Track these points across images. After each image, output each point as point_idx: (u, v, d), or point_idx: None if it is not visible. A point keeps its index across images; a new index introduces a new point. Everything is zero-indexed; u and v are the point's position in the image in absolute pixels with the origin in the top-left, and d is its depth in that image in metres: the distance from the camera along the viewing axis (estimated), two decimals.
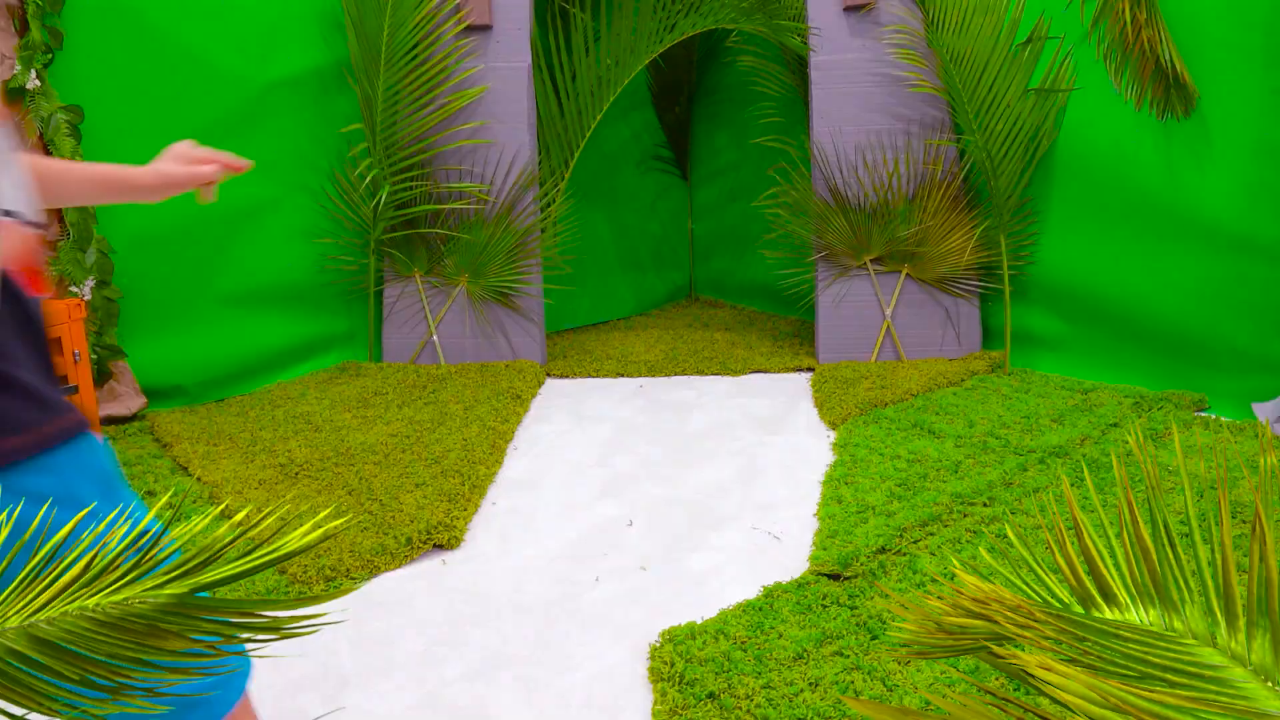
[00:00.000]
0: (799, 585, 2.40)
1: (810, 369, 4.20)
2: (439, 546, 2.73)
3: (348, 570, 2.57)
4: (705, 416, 3.71)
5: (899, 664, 2.01)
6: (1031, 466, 3.05)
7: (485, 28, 4.17)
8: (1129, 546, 1.12)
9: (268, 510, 1.34)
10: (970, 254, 4.05)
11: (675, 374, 4.22)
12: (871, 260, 4.16)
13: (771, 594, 2.37)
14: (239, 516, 0.98)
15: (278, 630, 0.97)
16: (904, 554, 2.52)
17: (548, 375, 4.26)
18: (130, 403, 3.72)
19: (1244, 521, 2.50)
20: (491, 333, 4.28)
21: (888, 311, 4.15)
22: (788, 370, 4.21)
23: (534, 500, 3.03)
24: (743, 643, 2.16)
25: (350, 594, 2.51)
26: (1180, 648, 0.99)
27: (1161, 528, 1.10)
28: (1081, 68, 3.77)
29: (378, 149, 4.16)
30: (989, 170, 3.91)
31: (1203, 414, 3.47)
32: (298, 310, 4.25)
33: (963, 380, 3.92)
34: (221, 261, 3.97)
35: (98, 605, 0.94)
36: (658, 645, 2.18)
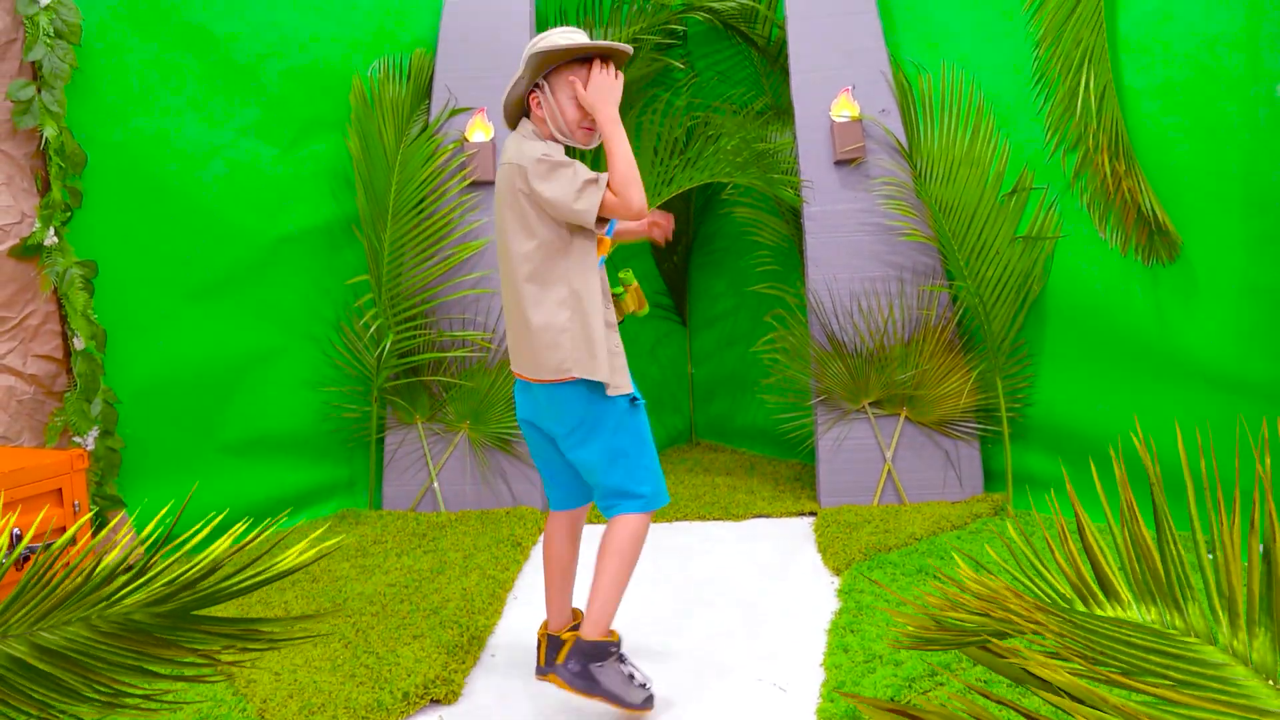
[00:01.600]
0: None
1: (812, 513, 4.17)
2: (435, 701, 2.67)
3: None
4: (707, 563, 3.67)
5: None
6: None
7: (489, 183, 4.33)
8: (1131, 544, 1.11)
9: (259, 530, 1.33)
10: (968, 396, 4.09)
11: (676, 520, 4.19)
12: (870, 403, 4.19)
13: None
14: (235, 530, 0.98)
15: (272, 644, 0.95)
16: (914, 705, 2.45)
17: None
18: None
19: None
20: (492, 479, 4.27)
21: (888, 454, 4.16)
22: (790, 515, 4.19)
23: (534, 652, 2.97)
24: None
25: None
26: (1182, 645, 0.97)
27: (1165, 525, 1.09)
28: (1067, 215, 3.89)
29: (383, 299, 4.25)
30: (982, 315, 3.99)
31: (1212, 557, 3.43)
32: (299, 459, 4.26)
33: (966, 523, 3.89)
34: (225, 411, 4.00)
35: (98, 616, 0.93)
36: None
